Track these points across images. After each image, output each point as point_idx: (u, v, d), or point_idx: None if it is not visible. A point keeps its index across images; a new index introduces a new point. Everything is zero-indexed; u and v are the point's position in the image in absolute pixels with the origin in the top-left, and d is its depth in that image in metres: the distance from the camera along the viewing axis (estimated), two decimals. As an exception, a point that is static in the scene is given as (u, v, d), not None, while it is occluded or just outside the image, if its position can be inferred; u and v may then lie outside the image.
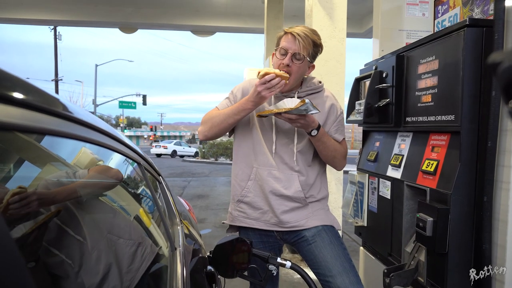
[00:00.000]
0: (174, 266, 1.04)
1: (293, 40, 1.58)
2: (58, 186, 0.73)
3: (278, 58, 1.62)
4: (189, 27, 10.81)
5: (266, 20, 7.69)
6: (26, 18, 10.07)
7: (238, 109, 1.57)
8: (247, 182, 1.69)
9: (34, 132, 0.52)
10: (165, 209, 1.38)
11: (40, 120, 0.50)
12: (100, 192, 0.94)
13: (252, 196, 1.68)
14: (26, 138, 0.60)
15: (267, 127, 1.68)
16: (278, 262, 1.37)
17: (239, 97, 1.69)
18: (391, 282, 1.35)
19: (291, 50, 1.58)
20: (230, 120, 1.60)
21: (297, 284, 3.54)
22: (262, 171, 1.66)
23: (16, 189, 0.56)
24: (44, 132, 0.55)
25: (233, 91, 1.75)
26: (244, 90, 1.71)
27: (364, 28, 9.94)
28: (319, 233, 1.65)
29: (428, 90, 1.39)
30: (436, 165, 1.29)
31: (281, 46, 1.60)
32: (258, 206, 1.68)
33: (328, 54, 3.96)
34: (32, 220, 0.62)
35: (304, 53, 1.58)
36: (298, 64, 1.60)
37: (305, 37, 1.57)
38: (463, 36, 1.19)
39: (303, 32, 1.57)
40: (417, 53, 1.49)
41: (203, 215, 6.55)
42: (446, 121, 1.27)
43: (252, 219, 1.70)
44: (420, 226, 1.27)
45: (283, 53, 1.60)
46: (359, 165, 1.96)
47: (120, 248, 0.88)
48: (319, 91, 1.72)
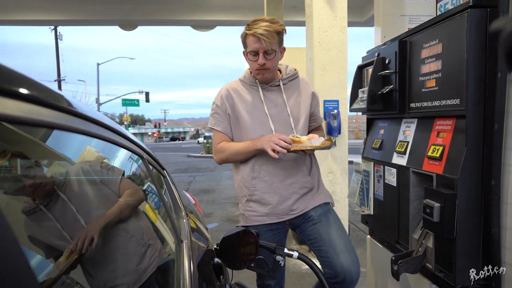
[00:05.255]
0: (181, 258, 1.04)
1: (258, 40, 1.64)
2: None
3: (251, 60, 1.70)
4: (189, 22, 10.76)
5: (266, 12, 7.64)
6: (25, 19, 10.07)
7: (249, 149, 1.69)
8: (251, 181, 1.75)
9: (41, 126, 0.54)
10: (170, 203, 1.38)
11: (47, 115, 0.52)
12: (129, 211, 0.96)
13: (260, 193, 1.74)
14: (32, 138, 0.60)
15: (263, 120, 1.75)
16: (285, 252, 1.38)
17: (227, 104, 1.76)
18: (399, 269, 1.35)
19: (260, 49, 1.66)
20: (243, 156, 1.73)
21: (305, 275, 3.55)
22: (267, 167, 1.72)
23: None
24: (50, 126, 0.56)
25: (217, 104, 1.80)
26: (226, 97, 1.77)
27: (365, 17, 9.83)
28: (324, 214, 1.77)
29: (432, 74, 1.37)
30: (442, 150, 1.28)
31: (250, 49, 1.68)
32: (268, 202, 1.74)
33: (329, 44, 3.92)
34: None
35: (273, 47, 1.66)
36: (272, 58, 1.67)
37: (268, 34, 1.63)
38: (467, 17, 1.17)
39: (264, 30, 1.63)
40: (420, 38, 1.46)
41: (210, 209, 6.58)
42: (451, 105, 1.26)
43: (263, 215, 1.76)
44: (427, 212, 1.26)
45: (254, 54, 1.68)
46: (364, 154, 1.94)
47: (132, 246, 0.89)
48: (296, 76, 1.86)
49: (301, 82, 1.85)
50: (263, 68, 1.68)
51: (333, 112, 3.96)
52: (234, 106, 1.75)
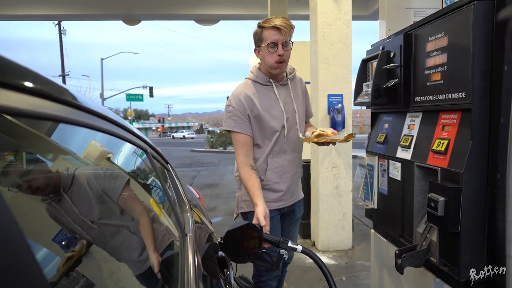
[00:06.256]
0: (185, 251, 1.04)
1: (278, 32, 1.76)
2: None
3: (270, 51, 1.78)
4: (192, 16, 10.72)
5: (270, 6, 7.59)
6: (28, 14, 10.08)
7: (251, 198, 1.75)
8: (265, 172, 1.91)
9: (45, 119, 0.55)
10: (174, 197, 1.38)
11: (51, 108, 0.53)
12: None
13: (271, 183, 1.92)
14: (37, 133, 0.61)
15: (278, 116, 1.88)
16: (289, 246, 1.38)
17: (247, 106, 1.83)
18: (403, 263, 1.35)
19: (280, 41, 1.77)
20: (247, 192, 1.80)
21: (309, 268, 3.57)
22: (278, 159, 1.91)
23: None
24: (54, 119, 0.57)
25: (236, 107, 1.84)
26: (245, 99, 1.83)
27: (370, 10, 9.75)
28: (299, 218, 2.12)
29: (437, 68, 1.36)
30: (447, 144, 1.27)
31: (269, 41, 1.77)
32: (279, 189, 1.94)
33: (334, 37, 3.90)
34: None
35: (290, 39, 1.80)
36: (288, 50, 1.80)
37: (286, 25, 1.76)
38: (473, 9, 1.15)
39: (282, 22, 1.76)
40: (425, 31, 1.45)
41: (214, 203, 6.60)
42: (456, 99, 1.24)
43: (271, 201, 1.92)
44: (432, 206, 1.25)
45: (273, 46, 1.77)
46: (368, 148, 1.94)
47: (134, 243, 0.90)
48: (295, 74, 2.01)
49: (298, 79, 2.02)
50: (281, 61, 1.79)
51: (337, 106, 3.94)
52: (254, 107, 1.84)
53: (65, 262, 0.60)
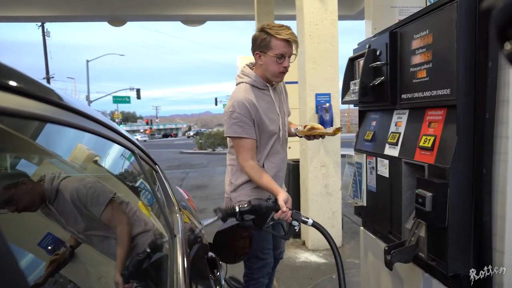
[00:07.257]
0: (174, 253, 1.03)
1: (288, 45, 1.80)
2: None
3: (278, 62, 1.81)
4: (179, 17, 10.67)
5: (256, 6, 7.60)
6: (11, 16, 9.88)
7: (271, 190, 1.77)
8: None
9: (29, 118, 0.53)
10: (163, 198, 1.37)
11: (34, 107, 0.51)
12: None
13: None
14: (23, 137, 0.59)
15: (275, 118, 1.93)
16: (301, 219, 1.53)
17: (251, 111, 1.84)
18: (392, 259, 1.36)
19: (288, 53, 1.81)
20: (261, 187, 1.83)
21: (299, 268, 3.58)
22: (273, 159, 1.96)
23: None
24: (38, 119, 0.55)
25: (241, 113, 1.84)
26: (249, 104, 1.84)
27: (356, 10, 9.84)
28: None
29: (422, 65, 1.37)
30: (434, 141, 1.28)
31: (278, 52, 1.79)
32: None
33: (320, 37, 3.92)
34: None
35: (296, 52, 1.84)
36: (291, 61, 1.84)
37: (295, 40, 1.80)
38: (456, 7, 1.17)
39: (293, 36, 1.79)
40: (410, 29, 1.46)
41: (203, 205, 6.57)
42: (442, 95, 1.26)
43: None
44: (420, 202, 1.27)
45: (280, 57, 1.80)
46: (356, 146, 1.95)
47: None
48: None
49: (283, 82, 2.06)
50: (285, 72, 1.84)
51: (325, 105, 3.96)
52: (257, 112, 1.86)
53: (48, 265, 0.58)
